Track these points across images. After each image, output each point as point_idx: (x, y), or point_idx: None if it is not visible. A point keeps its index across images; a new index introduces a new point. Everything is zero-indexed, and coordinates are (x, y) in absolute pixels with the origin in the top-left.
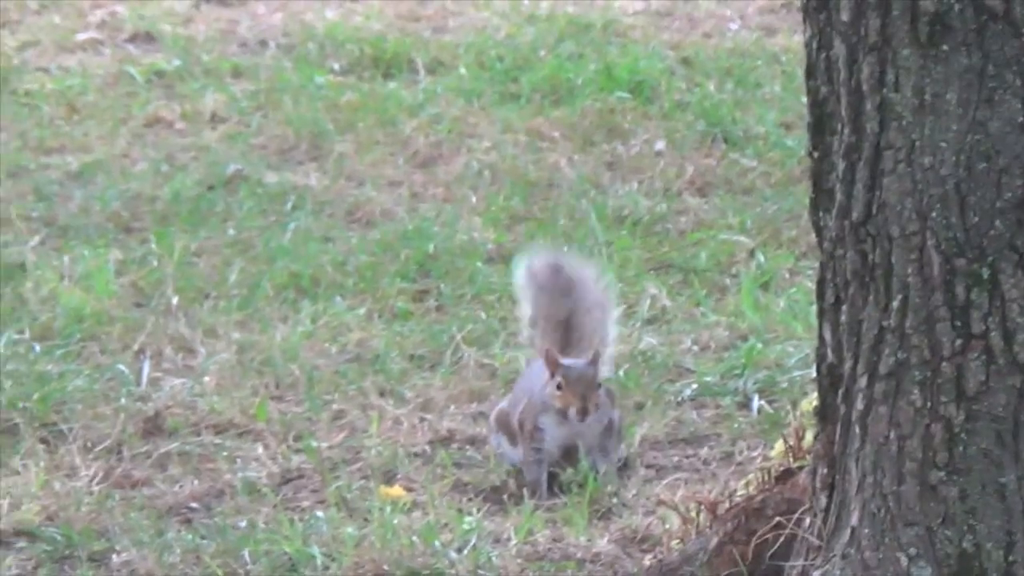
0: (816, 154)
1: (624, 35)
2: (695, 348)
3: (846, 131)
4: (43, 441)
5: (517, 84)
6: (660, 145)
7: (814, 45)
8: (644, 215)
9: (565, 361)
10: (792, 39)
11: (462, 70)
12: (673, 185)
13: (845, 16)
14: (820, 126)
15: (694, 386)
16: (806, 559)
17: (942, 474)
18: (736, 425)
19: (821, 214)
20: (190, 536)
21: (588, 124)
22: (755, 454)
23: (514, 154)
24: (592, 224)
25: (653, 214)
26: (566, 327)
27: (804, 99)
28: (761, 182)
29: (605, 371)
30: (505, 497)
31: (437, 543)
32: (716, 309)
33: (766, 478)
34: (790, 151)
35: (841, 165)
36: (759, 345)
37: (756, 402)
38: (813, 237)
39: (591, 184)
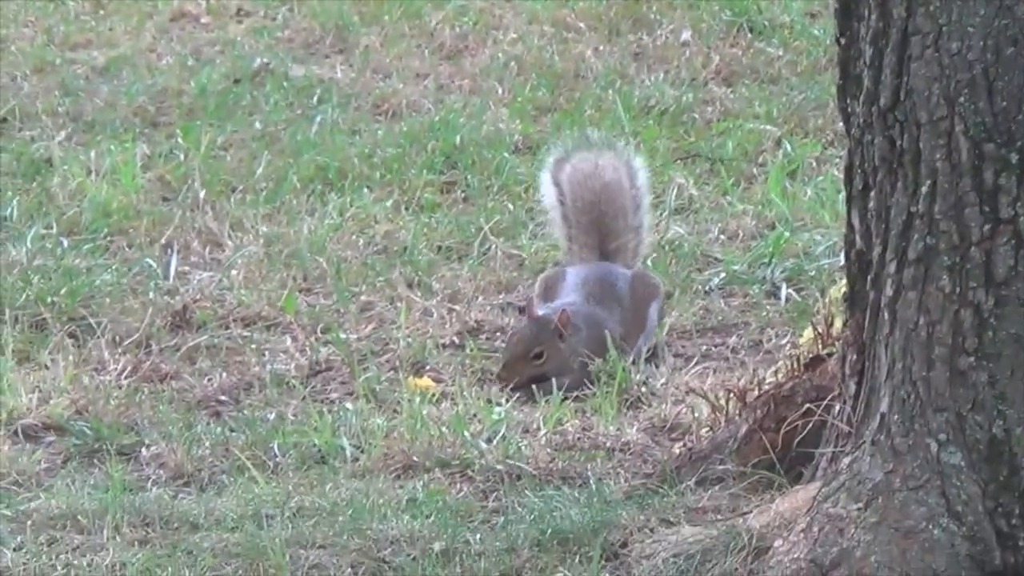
0: (843, 40)
1: None
2: (722, 237)
3: (873, 17)
4: (71, 335)
5: None
6: (686, 35)
7: None
8: (670, 105)
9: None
10: None
11: None
12: (699, 75)
13: None
14: (847, 12)
15: (722, 275)
16: (836, 445)
17: (971, 359)
18: (764, 313)
19: (849, 101)
20: (219, 429)
21: (614, 15)
22: (783, 342)
23: (540, 45)
24: (619, 114)
25: (679, 104)
26: (598, 228)
27: None
28: (787, 71)
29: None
30: (534, 387)
31: (466, 433)
32: (743, 198)
33: (795, 365)
34: (816, 40)
35: (868, 51)
36: (786, 234)
37: (784, 290)
38: (840, 125)
39: (617, 75)
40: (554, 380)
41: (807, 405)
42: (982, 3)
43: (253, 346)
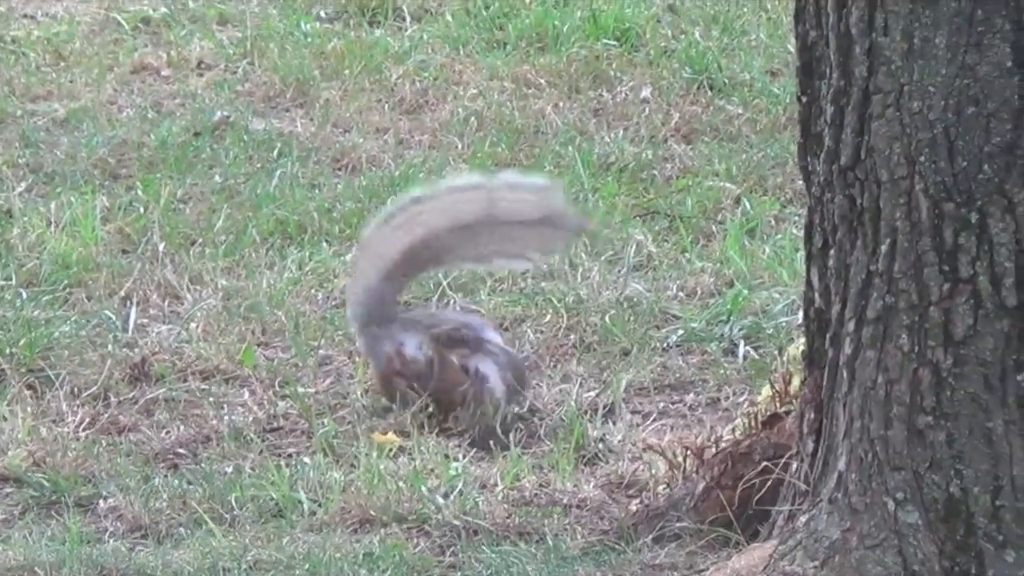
0: (804, 99)
1: None
2: (681, 295)
3: (834, 75)
4: (29, 387)
5: (503, 31)
6: (646, 92)
7: None
8: (630, 162)
9: None
10: None
11: (448, 17)
12: (659, 132)
13: None
14: (808, 70)
15: (680, 332)
16: (793, 504)
17: (929, 419)
18: (722, 371)
19: (809, 159)
20: (177, 482)
21: (574, 71)
22: (741, 400)
23: (500, 101)
24: (578, 171)
25: (639, 161)
26: None
27: (791, 46)
28: (747, 129)
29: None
30: (492, 442)
31: (424, 488)
32: (702, 256)
33: (753, 423)
34: (776, 98)
35: (829, 110)
36: (745, 291)
37: (742, 348)
38: (799, 184)
39: (577, 131)
40: None
41: (764, 463)
42: (944, 63)
43: (211, 399)
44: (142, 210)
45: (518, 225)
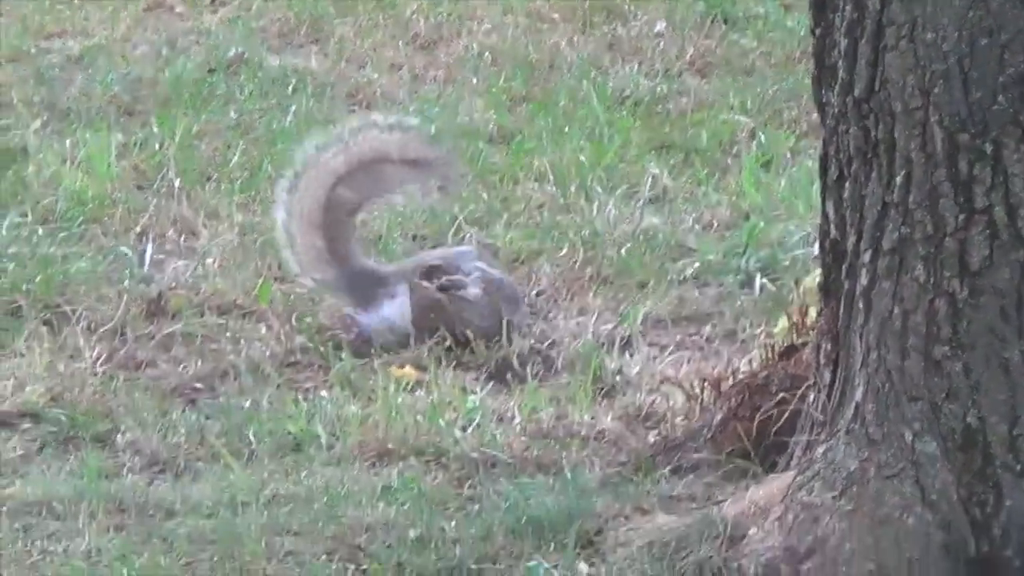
0: (818, 31)
1: None
2: (697, 227)
3: (848, 7)
4: (46, 323)
5: None
6: (660, 26)
7: None
8: (645, 96)
9: None
10: None
11: None
12: (673, 66)
13: None
14: (822, 3)
15: (696, 265)
16: (810, 434)
17: (946, 349)
18: (738, 303)
19: (824, 91)
20: (194, 416)
21: (588, 6)
22: (758, 332)
23: (514, 36)
24: (593, 105)
25: (654, 95)
26: None
27: None
28: (761, 62)
29: None
30: (509, 375)
31: (441, 421)
32: (717, 188)
33: (770, 354)
34: (790, 31)
35: (843, 42)
36: (761, 224)
37: (759, 280)
38: (813, 117)
39: (591, 65)
40: None
41: (782, 394)
42: None
43: (228, 334)
44: (157, 146)
45: (390, 164)
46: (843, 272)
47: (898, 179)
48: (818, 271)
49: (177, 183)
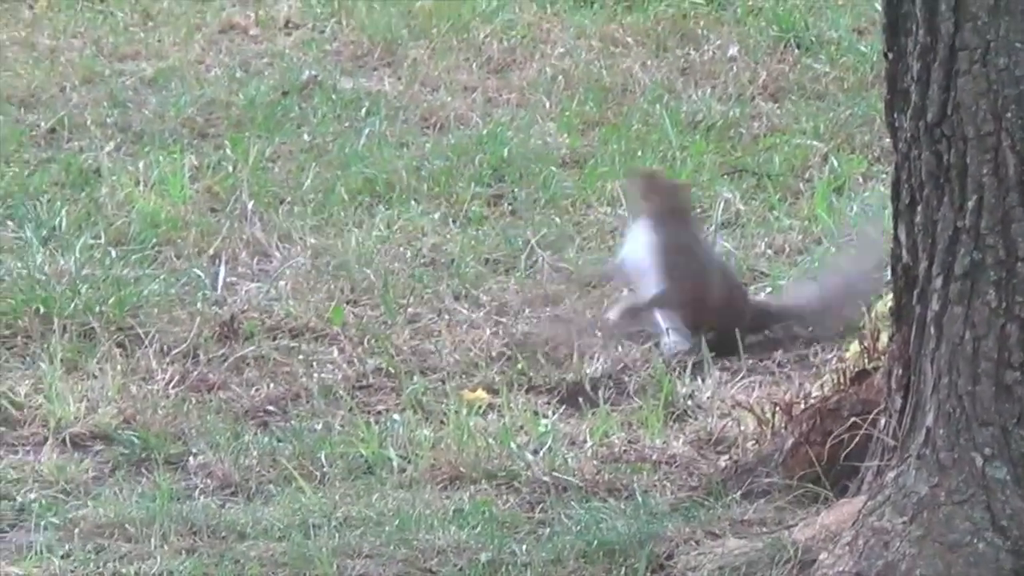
0: (891, 55)
1: None
2: (769, 251)
3: (921, 32)
4: (119, 345)
5: None
6: (733, 50)
7: None
8: (718, 120)
9: None
10: None
11: None
12: (746, 90)
13: None
14: (895, 27)
15: (768, 289)
16: (881, 459)
17: (1017, 374)
18: (810, 328)
19: (896, 115)
20: (266, 439)
21: (661, 30)
22: (829, 357)
23: (587, 60)
24: (666, 129)
25: (727, 119)
26: None
27: (877, 4)
28: (834, 87)
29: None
30: (581, 399)
31: (513, 445)
32: (790, 213)
33: (841, 379)
34: (863, 56)
35: (916, 66)
36: (833, 248)
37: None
38: (886, 142)
39: (664, 89)
40: None
41: (853, 419)
42: None
43: (300, 357)
44: (230, 169)
45: None
46: (914, 297)
47: (970, 204)
48: (890, 296)
49: (250, 206)
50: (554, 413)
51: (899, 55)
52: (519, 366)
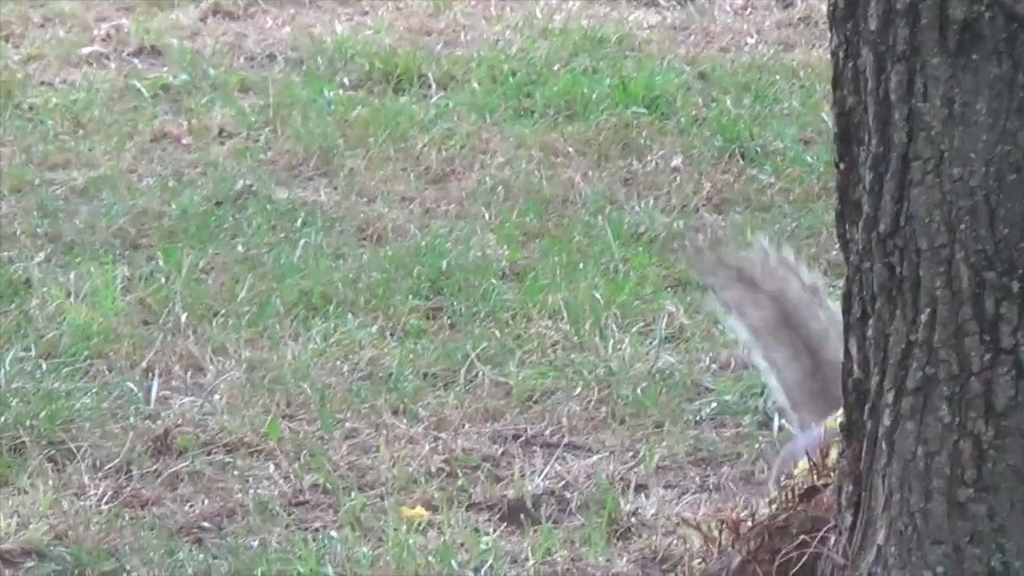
0: (842, 165)
1: (639, 49)
2: (714, 367)
3: (873, 142)
4: (51, 460)
5: (531, 99)
6: (677, 161)
7: (841, 54)
8: (661, 232)
9: None
10: (810, 53)
11: (475, 84)
12: (690, 201)
13: (873, 25)
14: (846, 137)
15: (713, 405)
16: None
17: (970, 491)
18: (756, 445)
19: (847, 227)
20: (202, 556)
21: (603, 139)
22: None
23: (528, 170)
24: (608, 241)
25: (670, 231)
26: None
27: (824, 114)
28: (780, 198)
29: None
30: (522, 516)
31: (454, 563)
32: (735, 327)
33: (789, 496)
34: (809, 167)
35: (868, 176)
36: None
37: (776, 421)
38: (833, 254)
39: (607, 200)
40: None
41: (802, 536)
42: (984, 129)
43: (236, 472)
44: (163, 280)
45: None
46: (865, 412)
47: (923, 317)
48: (839, 411)
49: (184, 318)
50: (495, 530)
51: (850, 165)
52: (459, 483)
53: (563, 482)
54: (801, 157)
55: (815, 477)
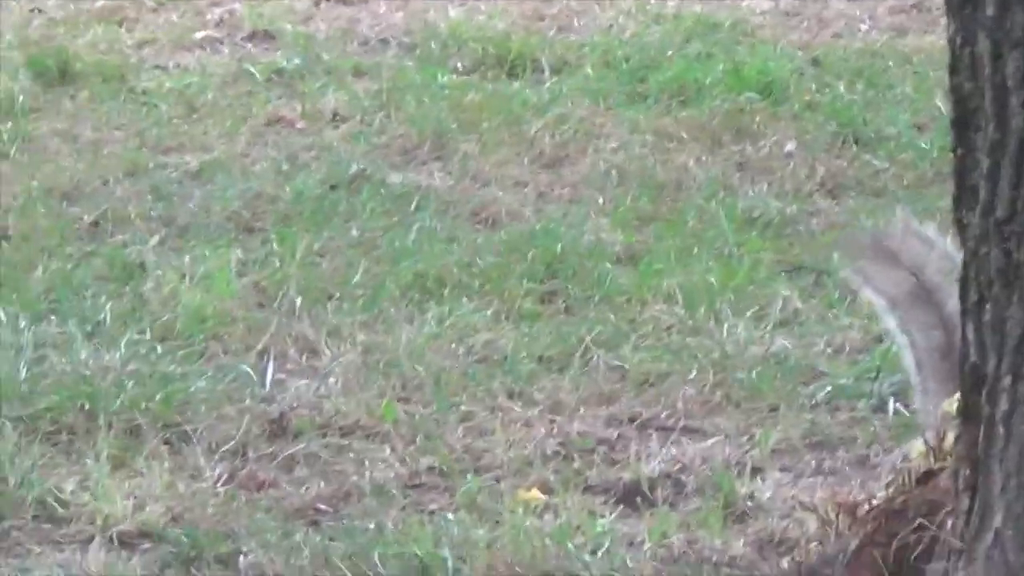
0: (960, 151)
1: (752, 35)
2: (828, 350)
3: (991, 127)
4: (166, 442)
5: (644, 84)
6: (790, 146)
7: (958, 41)
8: (775, 216)
9: None
10: (923, 39)
11: (588, 70)
12: (804, 186)
13: (990, 11)
14: (964, 123)
15: (828, 389)
16: (948, 561)
17: None
18: (871, 428)
19: (964, 212)
20: (318, 538)
21: (716, 124)
22: (891, 457)
23: (641, 154)
24: (722, 225)
25: (784, 215)
26: None
27: (938, 100)
28: (893, 183)
29: None
30: (638, 499)
31: (570, 546)
32: (849, 311)
33: (906, 480)
34: (922, 152)
35: (985, 162)
36: (894, 347)
37: (892, 405)
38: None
39: (720, 185)
40: None
41: (919, 520)
42: None
43: (351, 455)
44: (278, 264)
45: None
46: (983, 396)
47: None
48: (955, 395)
49: (298, 301)
50: (611, 513)
51: (968, 151)
52: (575, 466)
53: (679, 465)
54: (914, 142)
55: (932, 461)
